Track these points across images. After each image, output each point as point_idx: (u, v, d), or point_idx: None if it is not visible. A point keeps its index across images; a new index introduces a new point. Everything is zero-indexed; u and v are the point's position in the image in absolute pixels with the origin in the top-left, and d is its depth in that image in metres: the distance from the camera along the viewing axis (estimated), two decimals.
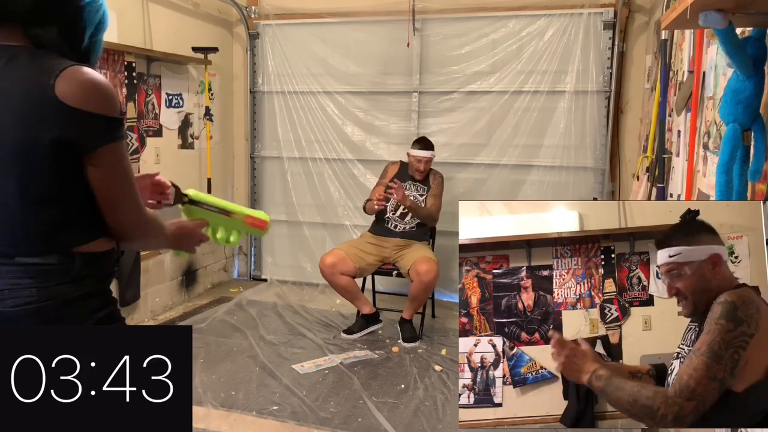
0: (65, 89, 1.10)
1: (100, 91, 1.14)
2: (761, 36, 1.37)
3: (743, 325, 1.14)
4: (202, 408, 2.89)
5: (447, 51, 4.53)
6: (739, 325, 1.14)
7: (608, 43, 4.21)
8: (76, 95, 1.11)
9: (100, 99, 1.14)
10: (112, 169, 1.18)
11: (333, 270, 3.78)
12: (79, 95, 1.11)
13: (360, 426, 2.79)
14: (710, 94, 2.07)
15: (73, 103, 1.11)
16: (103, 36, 1.29)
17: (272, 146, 5.05)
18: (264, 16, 4.88)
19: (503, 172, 4.52)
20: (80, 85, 1.12)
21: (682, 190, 2.46)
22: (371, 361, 3.53)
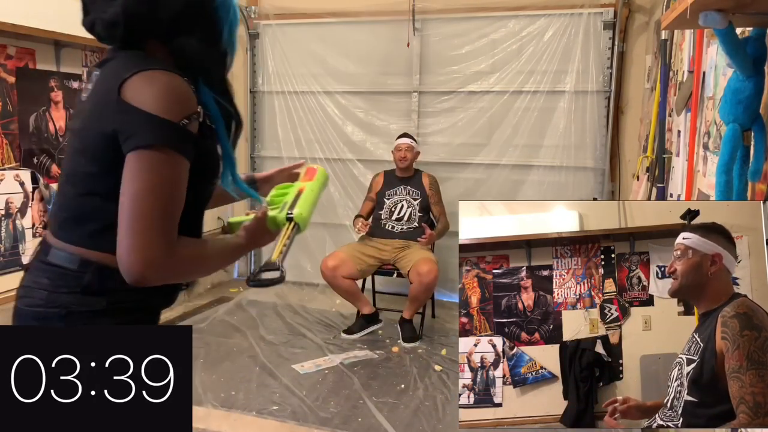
0: (129, 85, 1.05)
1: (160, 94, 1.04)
2: (761, 36, 1.37)
3: (763, 331, 1.19)
4: (202, 408, 2.89)
5: (447, 51, 4.53)
6: (762, 331, 1.19)
7: (608, 43, 4.21)
8: (135, 90, 1.05)
9: (159, 97, 1.03)
10: (132, 177, 1.03)
11: (335, 273, 3.78)
12: (137, 90, 1.04)
13: (360, 426, 2.79)
14: (710, 94, 2.07)
15: (127, 98, 1.05)
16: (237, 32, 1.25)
17: (272, 146, 5.05)
18: (264, 16, 4.88)
19: (503, 172, 4.52)
20: (144, 81, 1.05)
21: (682, 190, 2.46)
22: (371, 361, 3.53)
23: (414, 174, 4.10)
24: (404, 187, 4.04)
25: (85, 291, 1.12)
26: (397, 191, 4.03)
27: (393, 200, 4.03)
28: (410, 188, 4.04)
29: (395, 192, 4.04)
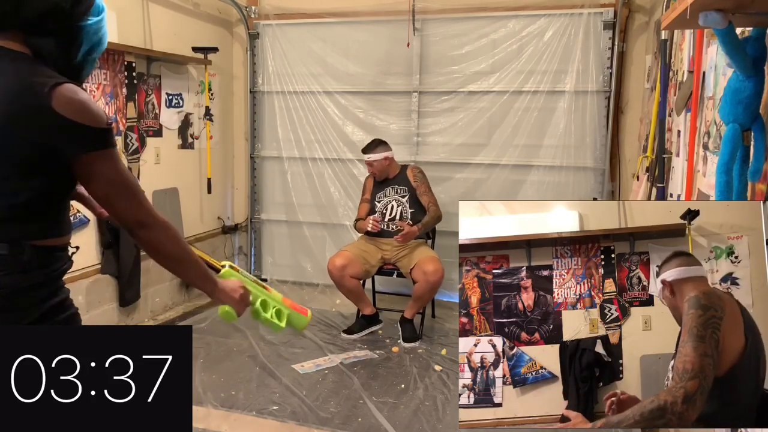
0: (60, 101, 1.19)
1: (88, 108, 1.23)
2: (761, 36, 1.37)
3: (711, 310, 1.26)
4: (202, 408, 2.89)
5: (447, 51, 4.53)
6: (708, 311, 1.26)
7: (608, 43, 4.21)
8: (68, 108, 1.20)
9: (89, 114, 1.23)
10: (101, 173, 1.27)
11: (342, 273, 3.78)
12: (71, 108, 1.20)
13: (360, 426, 2.79)
14: (710, 94, 2.07)
15: (67, 114, 1.20)
16: (98, 56, 1.38)
17: (272, 146, 5.05)
18: (264, 16, 4.88)
19: (503, 172, 4.52)
20: (72, 100, 1.21)
21: (682, 190, 2.46)
22: (371, 361, 3.53)
23: (399, 172, 4.08)
24: (391, 187, 4.04)
25: (25, 270, 1.24)
26: (386, 192, 4.04)
27: (383, 203, 4.04)
28: (397, 186, 4.03)
29: (384, 194, 4.04)
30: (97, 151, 1.26)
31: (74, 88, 1.23)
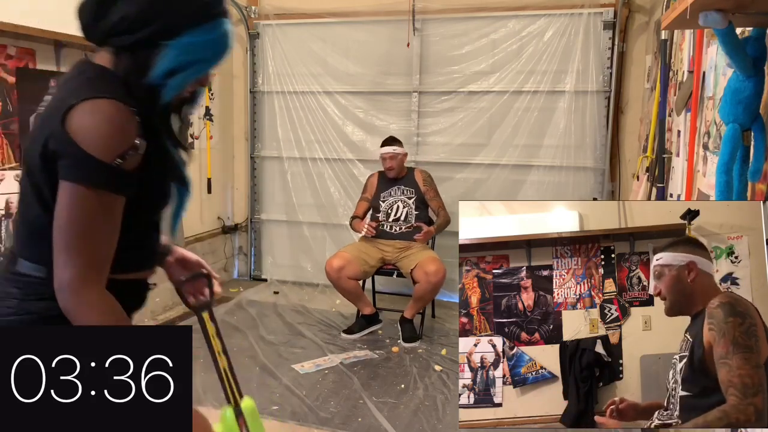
0: (73, 115, 1.07)
1: (98, 134, 1.06)
2: (761, 36, 1.37)
3: (747, 317, 1.22)
4: (202, 408, 2.88)
5: (447, 51, 4.53)
6: (745, 318, 1.22)
7: (608, 43, 4.21)
8: (76, 122, 1.07)
9: (95, 141, 1.06)
10: (62, 207, 1.09)
11: (340, 274, 3.78)
12: (78, 122, 1.06)
13: (360, 426, 2.79)
14: (710, 94, 2.07)
15: (69, 128, 1.07)
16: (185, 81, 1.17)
17: (272, 146, 5.05)
18: (264, 16, 4.88)
19: (503, 172, 4.52)
20: (85, 118, 1.07)
21: (682, 190, 2.46)
22: (371, 361, 3.53)
23: (407, 173, 4.09)
24: (397, 187, 4.05)
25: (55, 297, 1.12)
26: (392, 192, 4.04)
27: (388, 202, 4.04)
28: (403, 187, 4.04)
29: (390, 194, 4.05)
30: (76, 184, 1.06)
31: (102, 106, 1.07)
